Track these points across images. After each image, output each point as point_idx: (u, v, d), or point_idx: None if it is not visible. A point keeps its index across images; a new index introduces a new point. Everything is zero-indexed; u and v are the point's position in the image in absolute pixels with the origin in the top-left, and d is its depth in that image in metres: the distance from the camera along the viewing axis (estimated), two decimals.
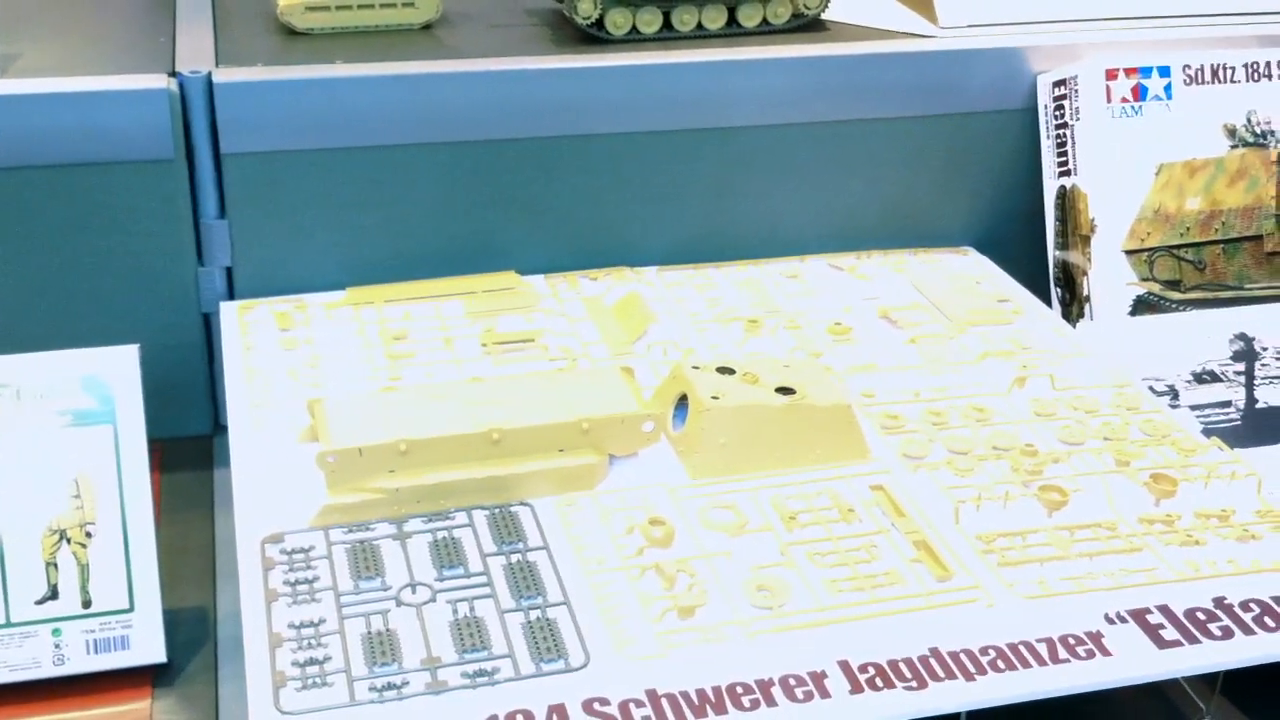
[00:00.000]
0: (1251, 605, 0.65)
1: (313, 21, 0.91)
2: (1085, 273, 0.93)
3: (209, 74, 0.84)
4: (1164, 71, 0.93)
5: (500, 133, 0.90)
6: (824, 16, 0.98)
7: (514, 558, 0.66)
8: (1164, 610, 0.64)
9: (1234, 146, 0.95)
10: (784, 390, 0.74)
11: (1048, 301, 0.94)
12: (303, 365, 0.81)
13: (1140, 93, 0.93)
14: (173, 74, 0.84)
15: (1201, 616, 0.64)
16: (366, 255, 0.90)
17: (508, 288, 0.90)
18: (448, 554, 0.66)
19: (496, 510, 0.69)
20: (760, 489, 0.71)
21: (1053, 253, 0.95)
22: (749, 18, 0.95)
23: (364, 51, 0.89)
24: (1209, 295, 0.94)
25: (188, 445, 0.87)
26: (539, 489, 0.70)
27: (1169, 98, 0.93)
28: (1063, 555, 0.67)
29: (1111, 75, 0.93)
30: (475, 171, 0.90)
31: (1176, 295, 0.94)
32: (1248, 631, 0.63)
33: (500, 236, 0.93)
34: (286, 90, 0.84)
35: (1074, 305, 0.94)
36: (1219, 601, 0.65)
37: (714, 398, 0.73)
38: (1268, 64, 0.96)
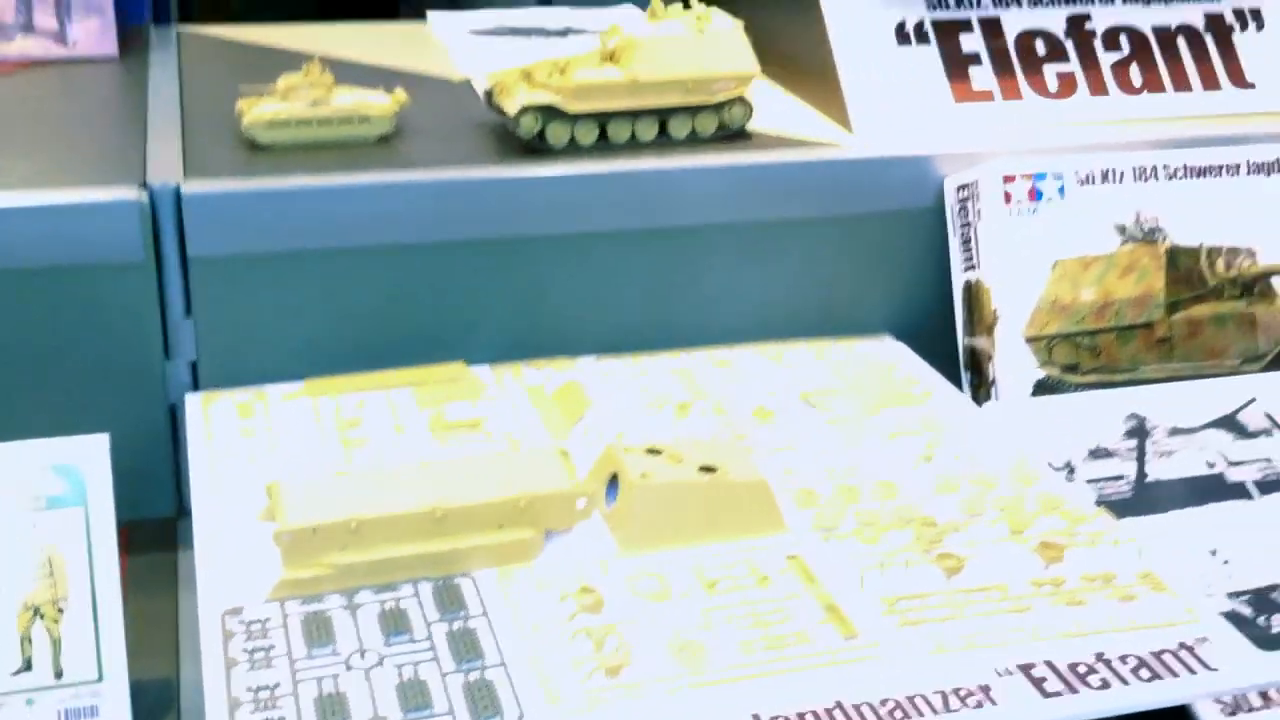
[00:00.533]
0: (1129, 659, 0.71)
1: (275, 136, 0.98)
2: (990, 358, 1.01)
3: (177, 185, 0.91)
4: (1057, 175, 1.02)
5: (449, 235, 0.97)
6: (747, 127, 1.06)
7: (456, 625, 0.72)
8: (1048, 664, 0.71)
9: (1124, 242, 1.03)
10: (707, 469, 0.81)
11: (959, 385, 1.02)
12: (262, 452, 0.87)
13: (1036, 195, 1.01)
14: (143, 185, 0.91)
15: (1082, 670, 0.70)
16: (324, 349, 0.97)
17: (455, 378, 0.97)
18: (394, 622, 0.72)
19: (440, 582, 0.75)
20: (684, 559, 0.78)
21: (962, 340, 1.03)
22: (679, 130, 1.03)
23: (322, 163, 0.96)
24: (1105, 378, 1.02)
25: (154, 527, 0.92)
26: (480, 562, 0.76)
27: (1062, 199, 1.02)
28: (958, 616, 0.74)
29: (1009, 179, 1.01)
30: (426, 271, 0.98)
31: (1075, 378, 1.02)
32: (1124, 682, 0.70)
33: (449, 330, 1.00)
34: (250, 200, 0.92)
35: (981, 388, 1.02)
36: (1099, 656, 0.72)
37: (642, 476, 0.80)
38: (1154, 167, 1.05)
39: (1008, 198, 1.01)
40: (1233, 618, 0.78)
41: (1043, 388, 1.01)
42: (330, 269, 0.95)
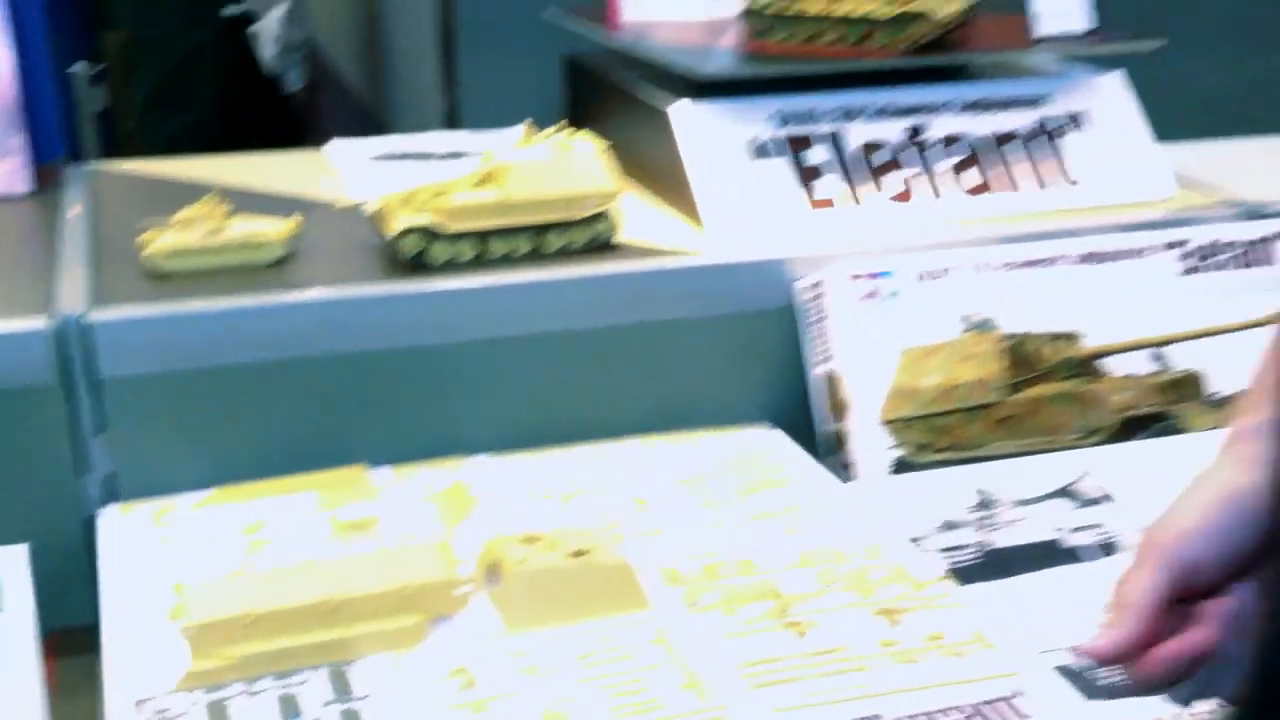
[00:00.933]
0: (952, 711, 0.80)
1: (176, 265, 1.06)
2: (848, 441, 1.10)
3: (84, 314, 0.99)
4: (898, 272, 1.13)
5: (342, 348, 1.05)
6: (615, 239, 1.16)
7: (346, 707, 0.79)
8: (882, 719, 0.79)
9: (964, 331, 1.13)
10: (579, 554, 0.89)
11: (826, 466, 1.11)
12: (173, 557, 0.94)
13: (879, 291, 1.12)
14: (52, 314, 0.99)
15: None
16: (232, 458, 1.04)
17: (354, 481, 1.04)
18: (291, 708, 0.79)
19: (334, 668, 0.82)
20: (558, 637, 0.85)
21: (824, 426, 1.12)
22: (551, 244, 1.12)
23: (220, 287, 1.04)
24: (954, 455, 1.12)
25: (78, 634, 0.97)
26: (370, 648, 0.83)
27: (904, 294, 1.12)
28: (804, 676, 0.82)
29: (855, 278, 1.12)
30: (324, 381, 1.05)
31: (927, 457, 1.11)
32: None
33: (348, 436, 1.07)
34: (153, 324, 0.99)
35: (844, 469, 1.11)
36: (930, 709, 0.80)
37: (519, 563, 0.87)
38: (988, 262, 1.15)
39: (854, 295, 1.12)
40: (1065, 671, 0.86)
41: (899, 466, 1.11)
42: (232, 384, 1.03)
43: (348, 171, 1.35)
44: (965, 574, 0.96)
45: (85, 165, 1.39)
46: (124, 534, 0.97)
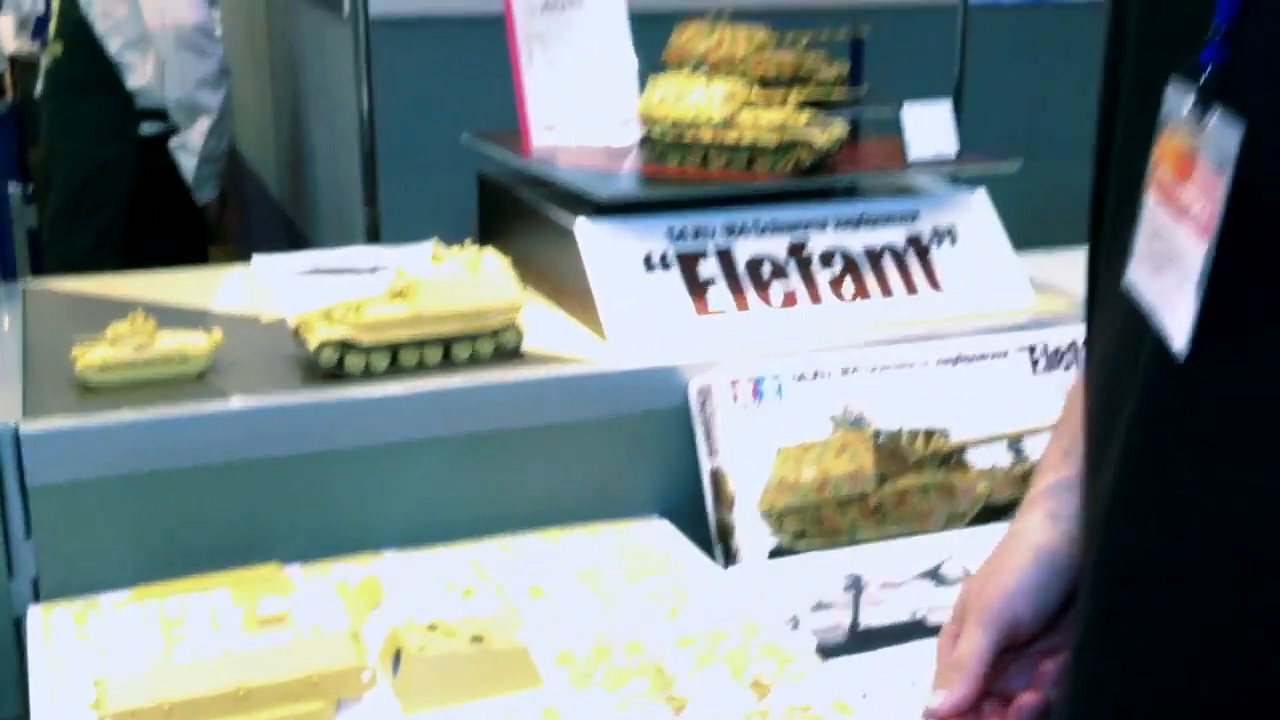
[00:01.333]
0: None
1: (105, 379, 1.14)
2: (734, 530, 1.19)
3: (16, 424, 1.06)
4: (776, 376, 1.23)
5: (263, 453, 1.13)
6: (521, 348, 1.25)
7: None
8: None
9: (836, 428, 1.23)
10: (477, 639, 0.97)
11: (711, 554, 1.19)
12: (95, 653, 1.00)
13: (759, 393, 1.22)
14: None
15: None
16: (154, 558, 1.11)
17: (269, 577, 1.11)
18: None
19: None
20: (456, 717, 0.93)
21: (710, 515, 1.21)
22: (461, 354, 1.22)
23: (148, 398, 1.12)
24: (829, 542, 1.21)
25: None
26: None
27: (782, 395, 1.22)
28: None
29: (738, 381, 1.22)
30: (244, 484, 1.13)
31: (804, 544, 1.20)
32: None
33: (265, 535, 1.15)
34: (82, 435, 1.07)
35: (727, 557, 1.19)
36: None
37: (419, 649, 0.95)
38: (858, 365, 1.26)
39: (737, 396, 1.21)
40: None
41: (777, 553, 1.20)
42: (157, 488, 1.10)
43: (273, 286, 1.44)
44: (834, 650, 1.05)
45: (16, 282, 1.47)
46: (49, 633, 1.03)
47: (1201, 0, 0.53)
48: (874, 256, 1.38)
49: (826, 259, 1.36)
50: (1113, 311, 0.62)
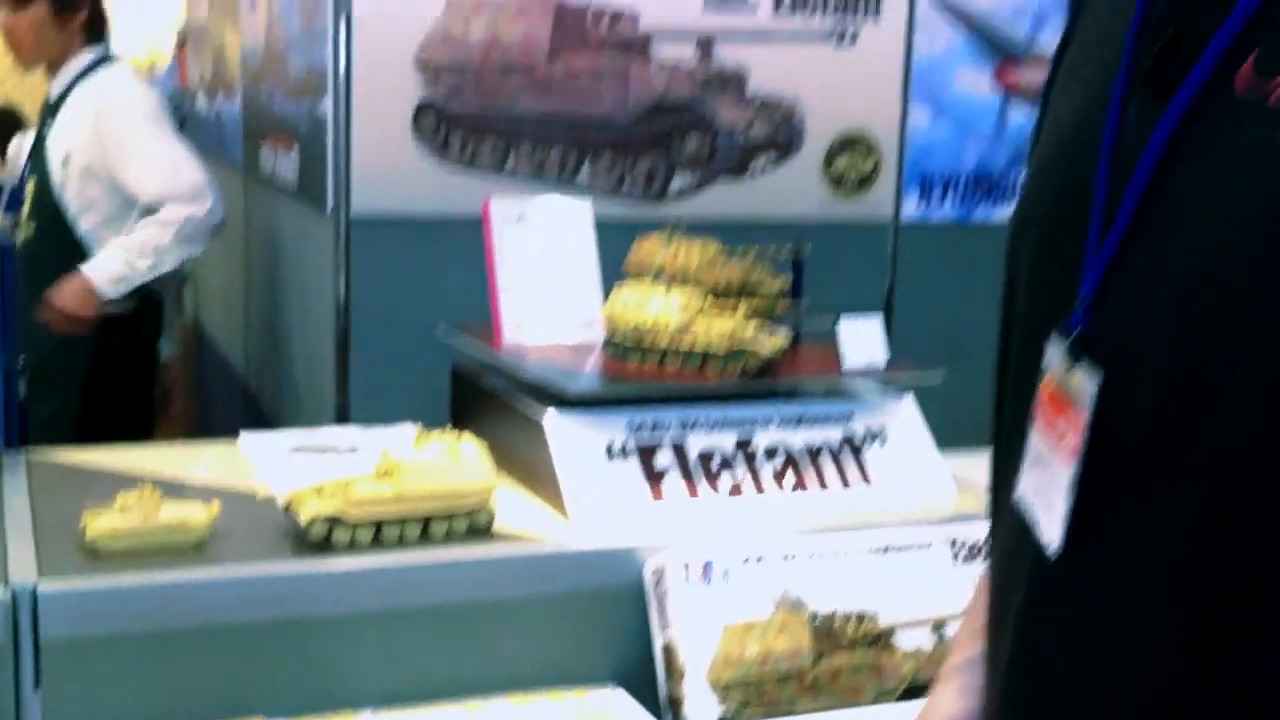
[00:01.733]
0: None
1: (113, 545, 1.25)
2: (683, 700, 1.30)
3: (34, 584, 1.16)
4: (724, 559, 1.36)
5: (254, 617, 1.24)
6: (493, 528, 1.37)
7: None
8: None
9: (776, 609, 1.36)
10: None
11: None
12: None
13: (708, 575, 1.34)
14: (6, 583, 1.16)
15: None
16: (150, 711, 1.20)
17: None
18: None
19: None
20: None
21: (662, 686, 1.32)
22: (438, 531, 1.34)
23: (152, 564, 1.23)
24: (769, 712, 1.32)
25: None
26: None
27: (728, 578, 1.35)
28: None
29: (688, 564, 1.34)
30: (236, 644, 1.23)
31: (746, 714, 1.31)
32: None
33: (254, 691, 1.24)
34: (93, 596, 1.17)
35: None
36: None
37: None
38: (796, 554, 1.39)
39: (688, 577, 1.34)
40: None
41: None
42: (155, 647, 1.20)
43: (260, 463, 1.56)
44: None
45: (21, 453, 1.57)
46: None
47: (1071, 276, 0.69)
48: (812, 453, 1.53)
49: (770, 454, 1.51)
50: (1008, 516, 0.76)
